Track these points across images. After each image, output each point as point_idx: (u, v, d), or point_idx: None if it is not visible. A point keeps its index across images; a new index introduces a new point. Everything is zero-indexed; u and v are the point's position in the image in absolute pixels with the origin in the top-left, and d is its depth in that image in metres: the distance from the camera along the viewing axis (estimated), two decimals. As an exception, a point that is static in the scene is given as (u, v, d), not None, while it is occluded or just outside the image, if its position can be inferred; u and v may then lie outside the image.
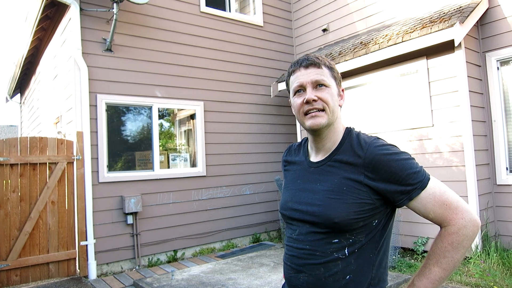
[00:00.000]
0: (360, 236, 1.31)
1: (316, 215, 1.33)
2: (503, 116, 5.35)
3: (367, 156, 1.30)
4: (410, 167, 1.27)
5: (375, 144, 1.32)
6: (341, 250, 1.31)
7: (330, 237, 1.32)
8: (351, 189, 1.30)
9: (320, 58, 1.42)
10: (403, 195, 1.27)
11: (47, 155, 5.31)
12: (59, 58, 6.60)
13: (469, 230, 1.23)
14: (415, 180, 1.26)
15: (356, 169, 1.31)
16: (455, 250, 1.23)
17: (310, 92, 1.37)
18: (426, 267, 1.27)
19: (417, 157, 5.46)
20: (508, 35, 5.25)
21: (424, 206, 1.27)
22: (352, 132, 1.42)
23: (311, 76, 1.38)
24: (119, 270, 5.78)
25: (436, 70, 5.29)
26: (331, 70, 1.42)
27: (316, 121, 1.36)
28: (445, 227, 1.26)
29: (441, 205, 1.25)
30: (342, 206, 1.29)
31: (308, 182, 1.43)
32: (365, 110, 6.21)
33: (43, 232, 5.25)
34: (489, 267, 4.42)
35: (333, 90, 1.40)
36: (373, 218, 1.31)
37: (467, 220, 1.23)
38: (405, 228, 5.44)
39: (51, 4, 6.31)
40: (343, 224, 1.28)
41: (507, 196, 5.24)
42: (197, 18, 6.97)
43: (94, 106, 5.71)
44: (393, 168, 1.26)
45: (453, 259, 1.23)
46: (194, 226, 6.57)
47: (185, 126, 7.12)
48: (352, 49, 6.24)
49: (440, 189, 1.28)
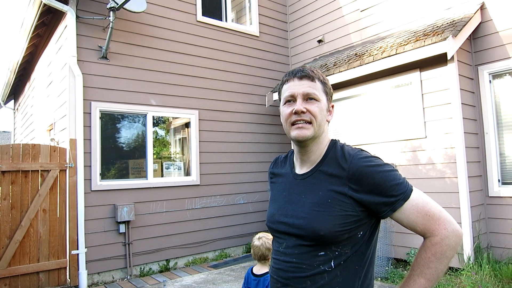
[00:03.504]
0: (345, 248, 1.31)
1: (302, 228, 1.34)
2: (495, 129, 5.40)
3: (351, 168, 1.31)
4: (393, 179, 1.28)
5: (358, 156, 1.33)
6: (327, 262, 1.31)
7: (316, 249, 1.32)
8: (336, 202, 1.30)
9: (315, 71, 1.43)
10: (386, 207, 1.28)
11: (40, 162, 5.28)
12: (54, 65, 6.59)
13: (452, 241, 1.24)
14: (398, 192, 1.27)
15: (340, 181, 1.32)
16: (438, 260, 1.24)
17: (300, 104, 1.38)
18: (410, 278, 1.28)
19: (411, 168, 5.49)
20: (500, 49, 5.32)
21: (408, 217, 1.28)
22: (337, 144, 1.44)
23: (303, 88, 1.39)
24: (110, 279, 5.72)
25: (429, 83, 5.34)
26: (324, 85, 1.44)
27: (301, 132, 1.37)
28: (429, 238, 1.27)
29: (424, 216, 1.27)
30: (327, 218, 1.29)
31: (294, 194, 1.44)
32: (360, 121, 6.24)
33: (33, 240, 5.19)
34: (481, 279, 4.42)
35: (322, 104, 1.41)
36: (358, 230, 1.32)
37: (449, 231, 1.25)
38: (398, 239, 5.43)
39: (48, 11, 6.32)
40: (329, 237, 1.28)
41: (499, 208, 5.26)
42: (194, 27, 7.01)
43: (88, 113, 5.70)
44: (377, 179, 1.27)
45: (437, 270, 1.24)
46: (187, 236, 6.53)
47: (180, 134, 7.11)
48: (347, 61, 6.29)
49: (422, 200, 1.29)
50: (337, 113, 6.32)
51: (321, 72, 1.48)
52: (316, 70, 1.45)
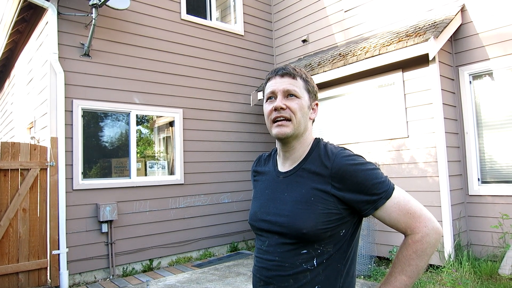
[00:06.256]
0: (328, 246, 1.32)
1: (284, 225, 1.34)
2: (475, 128, 5.51)
3: (334, 167, 1.32)
4: (376, 177, 1.29)
5: (341, 154, 1.34)
6: (309, 261, 1.31)
7: (298, 248, 1.32)
8: (319, 199, 1.31)
9: (297, 70, 1.44)
10: (368, 205, 1.29)
11: (19, 161, 5.16)
12: (35, 62, 6.46)
13: (432, 238, 1.27)
14: (380, 190, 1.28)
15: (323, 179, 1.33)
16: (419, 258, 1.26)
17: (280, 100, 1.39)
18: (391, 275, 1.30)
19: (394, 167, 5.56)
20: (480, 50, 5.43)
21: (389, 215, 1.30)
22: (320, 143, 1.44)
23: (283, 84, 1.40)
24: (92, 280, 5.64)
25: (411, 83, 5.42)
26: (306, 83, 1.44)
27: (281, 130, 1.38)
28: (410, 235, 1.29)
29: (405, 214, 1.29)
30: (310, 216, 1.30)
31: (277, 192, 1.44)
32: (344, 120, 6.29)
33: (13, 240, 5.08)
34: (461, 276, 4.51)
35: (303, 102, 1.41)
36: (340, 228, 1.33)
37: (430, 228, 1.27)
38: (381, 238, 5.50)
39: (28, 7, 6.19)
40: (311, 235, 1.29)
41: (478, 206, 5.38)
42: (178, 26, 6.96)
43: (70, 111, 5.60)
44: (359, 178, 1.28)
45: (418, 267, 1.26)
46: (171, 235, 6.49)
47: (164, 133, 7.06)
48: (331, 60, 6.33)
49: (404, 198, 1.31)
50: (321, 112, 6.36)
51: (305, 71, 1.48)
52: (299, 69, 1.46)
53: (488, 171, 5.40)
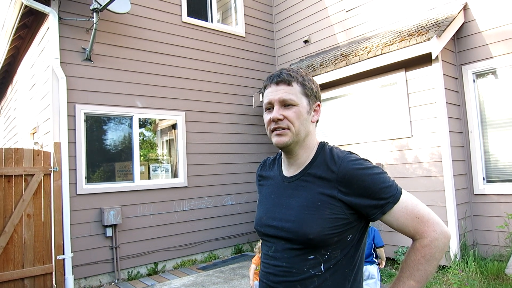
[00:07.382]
0: (335, 252, 1.30)
1: (291, 231, 1.32)
2: (479, 127, 5.47)
3: (340, 171, 1.30)
4: (383, 181, 1.28)
5: (348, 159, 1.32)
6: (317, 266, 1.30)
7: (306, 253, 1.31)
8: (325, 204, 1.29)
9: (292, 74, 1.39)
10: (376, 209, 1.28)
11: (23, 167, 5.17)
12: (37, 67, 6.47)
13: (441, 242, 1.25)
14: (388, 194, 1.27)
15: (329, 184, 1.31)
16: (428, 262, 1.25)
17: (276, 111, 1.37)
18: (400, 280, 1.28)
19: (398, 167, 5.53)
20: (483, 48, 5.40)
21: (397, 219, 1.28)
22: (326, 147, 1.42)
23: (279, 94, 1.37)
24: (97, 284, 5.64)
25: (414, 82, 5.39)
26: (303, 87, 1.40)
27: (280, 139, 1.37)
28: (418, 240, 1.27)
29: (413, 218, 1.27)
30: (317, 221, 1.28)
31: (282, 197, 1.42)
32: (346, 120, 6.27)
33: (18, 246, 5.08)
34: (468, 276, 4.48)
35: (301, 108, 1.38)
36: (347, 233, 1.31)
37: (438, 233, 1.25)
38: (386, 238, 5.46)
39: (29, 13, 6.20)
40: (318, 240, 1.27)
41: (484, 205, 5.34)
42: (179, 28, 6.96)
43: (72, 116, 5.61)
44: (366, 182, 1.26)
45: (426, 272, 1.25)
46: (175, 238, 6.48)
47: (167, 136, 7.05)
48: (333, 61, 6.31)
49: (412, 202, 1.29)
50: (324, 113, 6.34)
51: (304, 73, 1.44)
52: (296, 72, 1.41)
53: (493, 170, 5.37)
